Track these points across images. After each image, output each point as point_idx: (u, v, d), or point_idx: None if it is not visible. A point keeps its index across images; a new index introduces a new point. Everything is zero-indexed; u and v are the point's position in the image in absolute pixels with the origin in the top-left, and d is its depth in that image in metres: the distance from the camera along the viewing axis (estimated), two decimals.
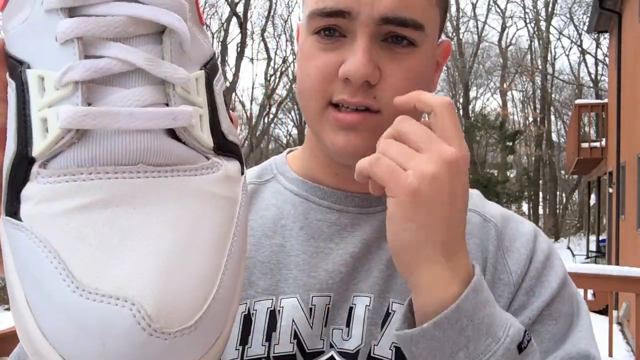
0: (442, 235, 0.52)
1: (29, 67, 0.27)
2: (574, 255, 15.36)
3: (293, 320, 0.64)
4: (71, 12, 0.26)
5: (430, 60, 0.65)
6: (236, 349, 0.63)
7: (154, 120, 0.26)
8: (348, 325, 0.64)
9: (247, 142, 25.61)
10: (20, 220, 0.26)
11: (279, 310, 0.64)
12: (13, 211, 0.27)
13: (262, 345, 0.63)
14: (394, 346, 0.63)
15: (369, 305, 0.65)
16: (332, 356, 0.64)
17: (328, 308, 0.65)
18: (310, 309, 0.65)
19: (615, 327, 7.28)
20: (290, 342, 0.64)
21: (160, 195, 0.26)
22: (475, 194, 0.76)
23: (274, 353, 0.63)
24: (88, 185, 0.25)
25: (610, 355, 3.57)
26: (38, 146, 0.26)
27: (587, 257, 14.24)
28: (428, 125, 0.54)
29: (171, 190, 0.26)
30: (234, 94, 25.58)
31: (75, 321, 0.23)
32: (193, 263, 0.25)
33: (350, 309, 0.65)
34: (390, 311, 0.65)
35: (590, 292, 7.72)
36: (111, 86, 0.26)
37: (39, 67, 0.27)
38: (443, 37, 0.72)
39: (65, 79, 0.25)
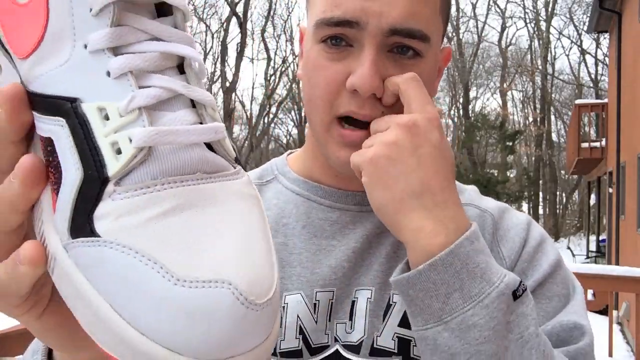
0: (415, 188, 0.56)
1: (82, 102, 0.30)
2: (574, 255, 15.36)
3: (298, 316, 0.66)
4: (115, 51, 0.30)
5: (434, 68, 0.66)
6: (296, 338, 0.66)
7: (203, 135, 0.31)
8: (351, 318, 0.66)
9: (247, 142, 25.60)
10: (99, 236, 0.28)
11: (284, 307, 0.66)
12: (86, 231, 0.29)
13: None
14: (396, 336, 0.65)
15: (371, 298, 0.66)
16: (336, 350, 0.65)
17: (332, 303, 0.67)
18: (315, 304, 0.66)
19: (615, 327, 7.28)
20: (296, 338, 0.66)
21: (218, 198, 0.31)
22: (471, 190, 0.78)
23: (280, 349, 0.65)
24: (163, 195, 0.29)
25: (610, 355, 3.56)
26: (112, 167, 0.29)
27: (587, 257, 14.24)
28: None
29: (223, 193, 0.31)
30: (234, 94, 25.58)
31: (180, 310, 0.26)
32: (258, 249, 0.30)
33: (353, 302, 0.67)
34: (391, 302, 0.66)
35: (590, 292, 7.72)
36: (160, 110, 0.31)
37: (94, 100, 0.30)
38: (445, 41, 0.72)
39: (131, 106, 0.29)
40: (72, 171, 0.30)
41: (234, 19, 25.20)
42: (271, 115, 27.89)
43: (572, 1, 27.25)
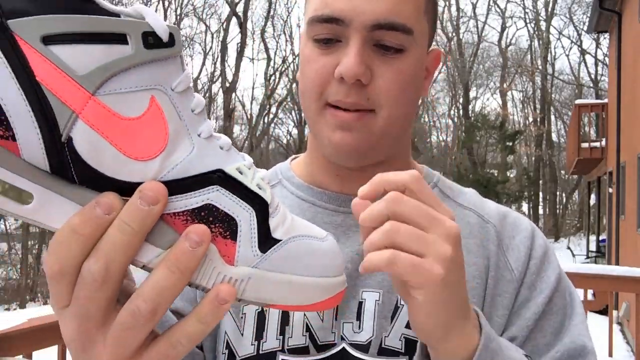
0: (464, 310, 0.53)
1: (224, 170, 0.40)
2: (574, 255, 15.35)
3: (305, 315, 0.68)
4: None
5: (419, 65, 0.69)
6: (252, 344, 0.68)
7: None
8: (358, 318, 0.68)
9: (247, 142, 25.59)
10: (280, 240, 0.42)
11: None
12: (271, 243, 0.42)
13: (277, 339, 0.67)
14: (404, 337, 0.67)
15: (379, 300, 0.68)
16: (343, 348, 0.67)
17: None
18: None
19: (615, 327, 7.28)
20: (303, 335, 0.68)
21: None
22: (472, 193, 0.79)
23: (288, 345, 0.67)
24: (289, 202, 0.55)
25: (610, 355, 3.56)
26: (267, 197, 0.42)
27: (587, 257, 14.23)
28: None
29: None
30: (234, 94, 25.57)
31: (329, 253, 0.45)
32: None
33: (360, 303, 0.69)
34: (398, 305, 0.68)
35: (590, 292, 7.72)
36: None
37: (228, 165, 0.41)
38: (435, 46, 0.74)
39: (248, 163, 0.43)
40: (244, 213, 0.41)
41: (234, 19, 25.20)
42: (271, 115, 27.88)
43: (572, 1, 27.26)
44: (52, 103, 0.34)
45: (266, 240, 0.41)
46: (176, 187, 0.38)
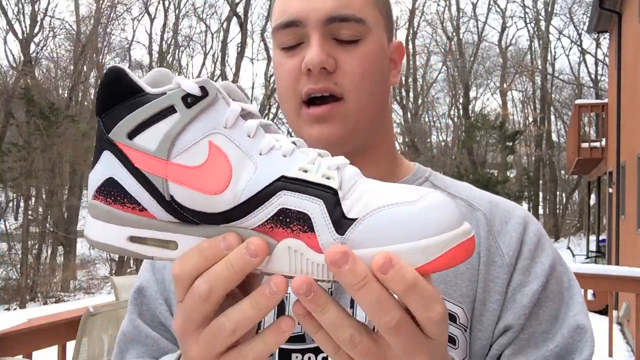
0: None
1: (286, 174, 0.46)
2: (574, 255, 15.35)
3: None
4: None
5: (381, 53, 0.74)
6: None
7: None
8: (352, 306, 0.69)
9: None
10: (357, 218, 0.44)
11: (287, 297, 0.70)
12: (348, 223, 0.44)
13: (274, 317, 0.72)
14: None
15: None
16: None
17: (331, 292, 0.69)
18: None
19: (615, 327, 7.28)
20: (299, 324, 0.67)
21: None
22: (466, 185, 0.81)
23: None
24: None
25: (610, 355, 3.57)
26: (334, 184, 0.46)
27: (587, 257, 14.23)
28: None
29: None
30: None
31: (423, 214, 0.44)
32: None
33: None
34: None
35: (590, 292, 7.73)
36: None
37: (291, 168, 0.46)
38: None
39: (310, 159, 0.48)
40: (315, 207, 0.45)
41: (234, 19, 25.19)
42: (271, 115, 27.86)
43: (572, 1, 27.26)
44: (149, 177, 0.46)
45: (341, 223, 0.44)
46: (252, 204, 0.46)
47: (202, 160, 0.46)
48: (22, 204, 21.14)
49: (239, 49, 24.72)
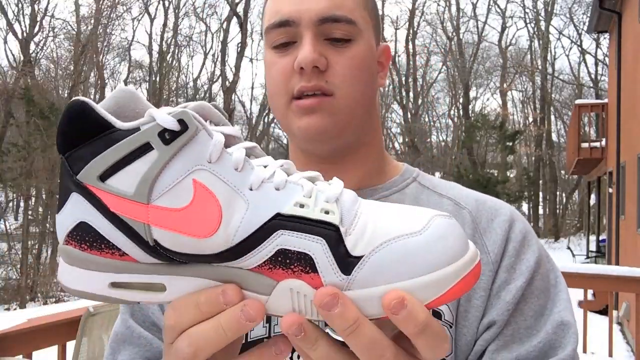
0: None
1: (282, 212, 0.42)
2: (574, 255, 15.35)
3: None
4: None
5: (370, 55, 0.76)
6: (263, 326, 0.72)
7: None
8: None
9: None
10: (362, 256, 0.41)
11: None
12: (354, 262, 0.41)
13: (263, 327, 0.72)
14: None
15: None
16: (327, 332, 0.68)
17: None
18: None
19: (615, 327, 7.28)
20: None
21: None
22: (454, 185, 0.83)
23: (274, 332, 0.71)
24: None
25: (610, 355, 3.56)
26: (335, 220, 0.42)
27: (587, 257, 14.23)
28: None
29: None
30: (234, 94, 25.56)
31: (429, 245, 0.41)
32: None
33: None
34: None
35: (590, 292, 7.72)
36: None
37: (286, 204, 0.42)
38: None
39: (307, 192, 0.44)
40: (317, 246, 0.41)
41: (234, 19, 25.19)
42: (271, 115, 27.83)
43: (572, 1, 27.25)
44: (129, 222, 0.41)
45: (346, 262, 0.41)
46: (246, 246, 0.42)
47: (187, 201, 0.41)
48: (22, 204, 21.14)
49: (239, 48, 24.73)
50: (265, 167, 0.44)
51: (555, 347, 0.69)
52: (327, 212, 0.42)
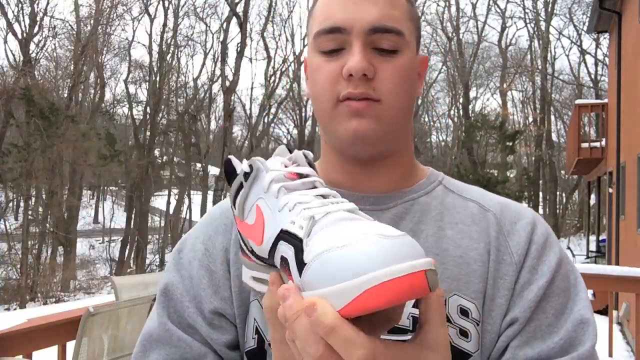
0: None
1: (282, 229, 0.56)
2: (574, 256, 15.35)
3: None
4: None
5: (412, 65, 0.78)
6: (252, 338, 0.75)
7: None
8: None
9: (247, 142, 25.59)
10: (306, 263, 0.50)
11: None
12: (303, 268, 0.51)
13: (252, 338, 0.75)
14: (411, 316, 0.71)
15: None
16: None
17: None
18: None
19: (615, 327, 7.28)
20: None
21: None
22: (477, 189, 0.87)
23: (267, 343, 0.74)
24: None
25: (610, 355, 3.57)
26: (301, 234, 0.53)
27: (587, 257, 14.23)
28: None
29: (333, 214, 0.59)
30: (234, 94, 25.54)
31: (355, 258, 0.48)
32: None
33: None
34: None
35: (590, 292, 7.72)
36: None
37: (286, 221, 0.56)
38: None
39: (299, 213, 0.56)
40: (290, 252, 0.53)
41: (234, 19, 25.18)
42: (271, 115, 27.87)
43: (572, 1, 27.26)
44: (241, 234, 0.64)
45: (302, 267, 0.51)
46: (271, 252, 0.57)
47: (254, 220, 0.60)
48: (22, 204, 21.14)
49: (239, 49, 24.71)
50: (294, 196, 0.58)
51: (575, 344, 0.71)
52: (301, 228, 0.53)
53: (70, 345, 2.56)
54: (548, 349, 0.71)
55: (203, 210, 26.52)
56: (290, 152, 0.65)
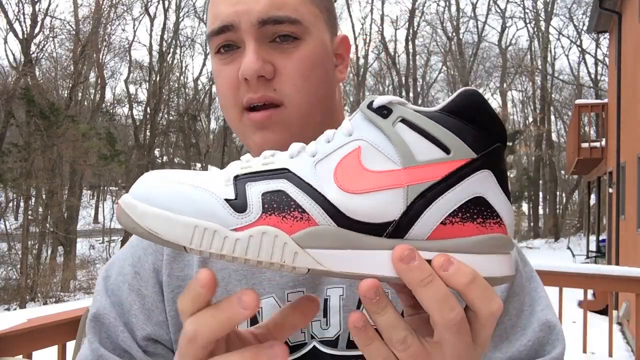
0: None
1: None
2: (574, 255, 15.36)
3: None
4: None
5: (322, 52, 0.71)
6: None
7: None
8: (325, 315, 0.69)
9: None
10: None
11: (259, 311, 0.69)
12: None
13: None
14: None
15: (343, 295, 0.70)
16: (314, 346, 0.68)
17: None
18: None
19: (615, 327, 7.28)
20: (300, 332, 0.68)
21: None
22: None
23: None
24: None
25: (610, 355, 3.56)
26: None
27: (587, 257, 14.24)
28: None
29: None
30: None
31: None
32: None
33: (325, 300, 0.70)
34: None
35: (590, 292, 7.72)
36: None
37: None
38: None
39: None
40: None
41: None
42: None
43: (572, 1, 27.25)
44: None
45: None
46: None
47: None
48: (22, 204, 21.14)
49: None
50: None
51: (545, 344, 0.71)
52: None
53: (70, 345, 2.56)
54: (518, 352, 0.70)
55: None
56: None
